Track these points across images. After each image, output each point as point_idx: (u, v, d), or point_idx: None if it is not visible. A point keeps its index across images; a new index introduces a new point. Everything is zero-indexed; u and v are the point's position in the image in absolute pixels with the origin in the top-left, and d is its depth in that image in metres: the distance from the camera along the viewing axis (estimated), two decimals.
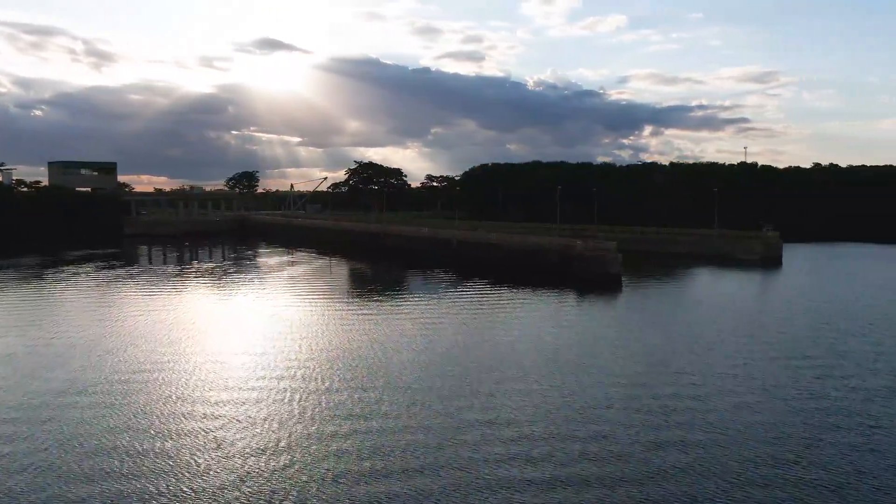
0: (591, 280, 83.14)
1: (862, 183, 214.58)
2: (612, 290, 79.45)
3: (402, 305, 70.62)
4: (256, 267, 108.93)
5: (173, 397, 36.92)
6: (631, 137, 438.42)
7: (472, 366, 43.54)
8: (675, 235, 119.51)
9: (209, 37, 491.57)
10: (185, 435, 31.25)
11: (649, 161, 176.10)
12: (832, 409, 34.94)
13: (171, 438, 30.81)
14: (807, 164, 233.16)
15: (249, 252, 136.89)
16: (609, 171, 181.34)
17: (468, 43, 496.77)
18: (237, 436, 31.02)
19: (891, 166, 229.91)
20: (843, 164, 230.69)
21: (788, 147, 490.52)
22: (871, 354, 46.69)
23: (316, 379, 40.54)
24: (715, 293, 78.46)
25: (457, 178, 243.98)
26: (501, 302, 71.17)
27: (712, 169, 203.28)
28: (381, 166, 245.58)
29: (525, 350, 48.23)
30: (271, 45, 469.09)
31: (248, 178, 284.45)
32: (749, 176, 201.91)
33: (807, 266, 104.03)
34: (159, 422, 32.98)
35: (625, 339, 51.99)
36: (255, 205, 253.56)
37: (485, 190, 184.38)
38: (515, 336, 53.26)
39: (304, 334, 53.77)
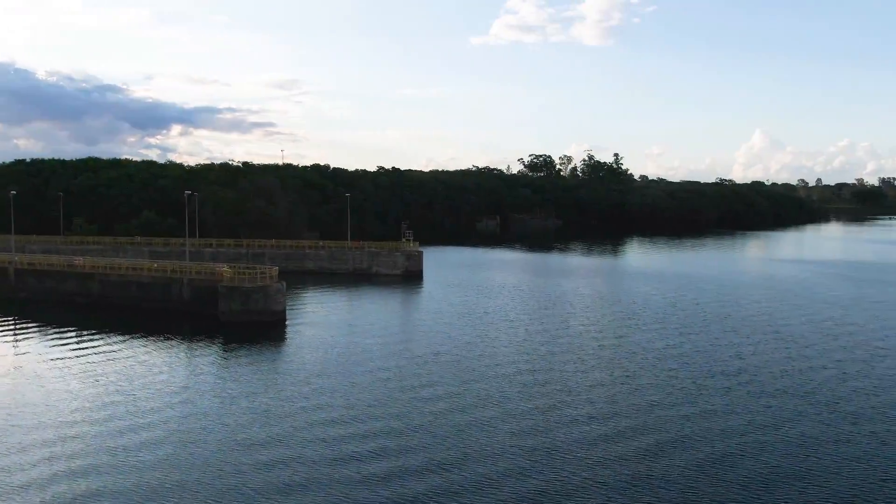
0: (247, 323, 61.78)
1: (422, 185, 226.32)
2: (275, 335, 59.46)
3: None
4: None
5: None
6: (158, 137, 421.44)
7: None
8: (304, 249, 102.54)
9: None
10: None
11: (242, 161, 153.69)
12: None
13: None
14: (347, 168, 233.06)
15: None
16: (197, 173, 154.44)
17: None
18: None
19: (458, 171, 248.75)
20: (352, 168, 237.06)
21: (311, 151, 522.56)
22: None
23: None
24: (392, 327, 64.10)
25: None
26: (78, 369, 46.35)
27: (293, 171, 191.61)
28: None
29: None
30: None
31: None
32: (332, 179, 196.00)
33: (448, 278, 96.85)
34: None
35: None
36: None
37: (27, 194, 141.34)
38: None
39: None
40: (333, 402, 39.82)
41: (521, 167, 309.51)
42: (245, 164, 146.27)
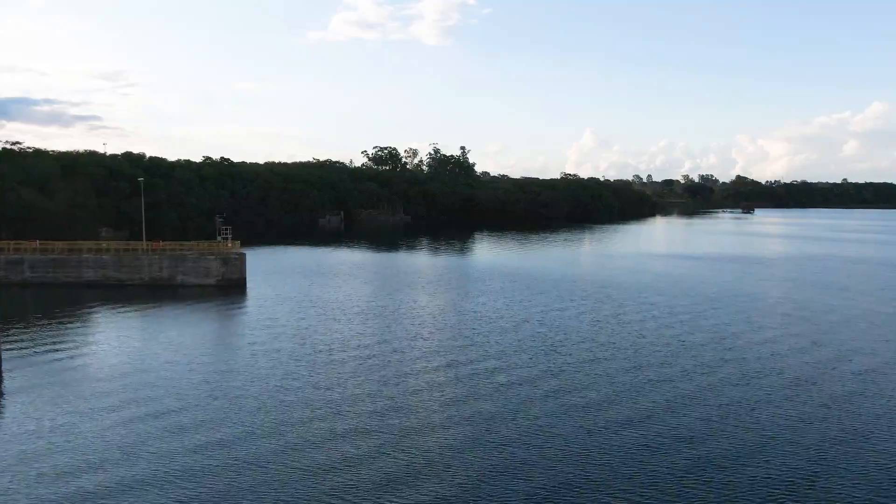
0: None
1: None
2: None
3: None
4: None
5: None
6: None
7: None
8: (81, 253, 76.32)
9: None
10: None
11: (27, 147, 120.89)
12: None
13: None
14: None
15: None
16: None
17: None
18: None
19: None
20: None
21: (142, 147, 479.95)
22: None
23: None
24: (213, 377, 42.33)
25: None
26: None
27: (95, 159, 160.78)
28: None
29: None
30: None
31: None
32: (147, 169, 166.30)
33: (279, 290, 75.03)
34: None
35: None
36: None
37: None
38: None
39: None
40: None
41: (366, 160, 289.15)
42: (16, 144, 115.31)
